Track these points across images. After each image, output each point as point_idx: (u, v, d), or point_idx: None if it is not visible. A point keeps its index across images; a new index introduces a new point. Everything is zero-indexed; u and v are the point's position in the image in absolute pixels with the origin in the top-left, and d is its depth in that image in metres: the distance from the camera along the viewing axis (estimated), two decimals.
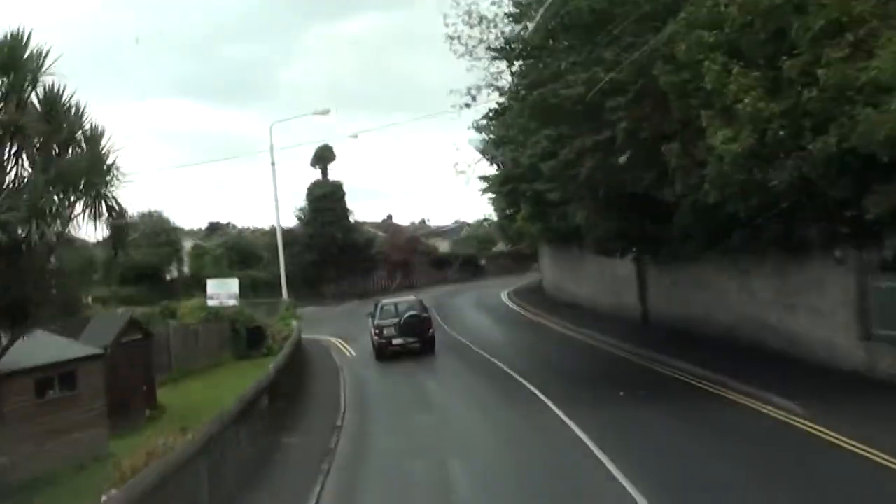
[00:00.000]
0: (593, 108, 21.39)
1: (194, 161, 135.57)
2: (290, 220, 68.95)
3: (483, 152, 34.98)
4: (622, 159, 20.81)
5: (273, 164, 35.86)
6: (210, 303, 35.24)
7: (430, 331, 30.09)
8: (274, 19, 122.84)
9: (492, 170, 48.80)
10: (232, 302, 34.87)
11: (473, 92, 51.06)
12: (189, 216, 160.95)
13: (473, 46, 33.98)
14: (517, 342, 32.77)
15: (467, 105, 50.47)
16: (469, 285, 70.72)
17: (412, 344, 29.32)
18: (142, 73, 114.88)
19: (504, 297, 54.91)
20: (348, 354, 32.69)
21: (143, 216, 54.44)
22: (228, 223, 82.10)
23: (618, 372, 24.06)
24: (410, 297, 33.93)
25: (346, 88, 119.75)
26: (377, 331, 29.67)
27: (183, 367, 27.87)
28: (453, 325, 37.91)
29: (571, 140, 22.39)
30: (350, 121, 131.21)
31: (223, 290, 35.24)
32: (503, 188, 33.90)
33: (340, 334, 39.11)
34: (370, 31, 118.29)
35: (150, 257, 52.78)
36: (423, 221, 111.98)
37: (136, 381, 20.56)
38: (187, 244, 62.44)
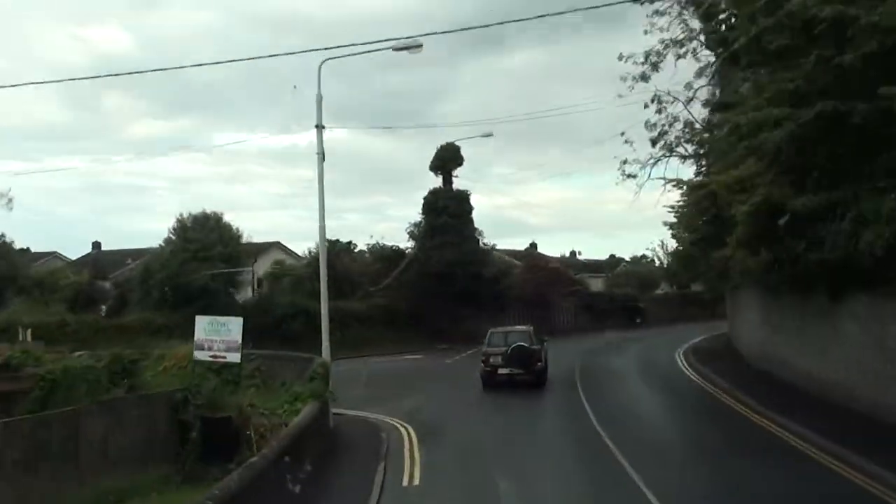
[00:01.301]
0: None
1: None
2: (402, 239, 54.48)
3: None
4: None
5: (320, 126, 20.92)
6: (197, 355, 20.72)
7: (539, 364, 29.10)
8: (434, 51, 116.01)
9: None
10: (230, 357, 20.25)
11: (654, 58, 34.15)
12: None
13: None
14: (728, 480, 16.05)
15: (644, 78, 34.59)
16: (628, 336, 54.21)
17: (520, 375, 28.55)
18: (298, 99, 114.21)
19: (679, 359, 38.27)
20: (407, 479, 16.48)
21: (195, 219, 41.12)
22: (349, 242, 67.89)
23: None
24: (523, 327, 32.45)
25: (499, 120, 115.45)
26: (484, 358, 29.36)
27: None
28: (607, 415, 21.58)
29: None
30: (503, 153, 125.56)
31: (218, 336, 20.64)
32: (745, 141, 17.90)
33: (424, 413, 23.88)
34: (529, 65, 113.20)
35: (199, 274, 39.09)
36: (572, 254, 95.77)
37: None
38: (264, 262, 48.84)
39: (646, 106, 31.99)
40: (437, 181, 51.81)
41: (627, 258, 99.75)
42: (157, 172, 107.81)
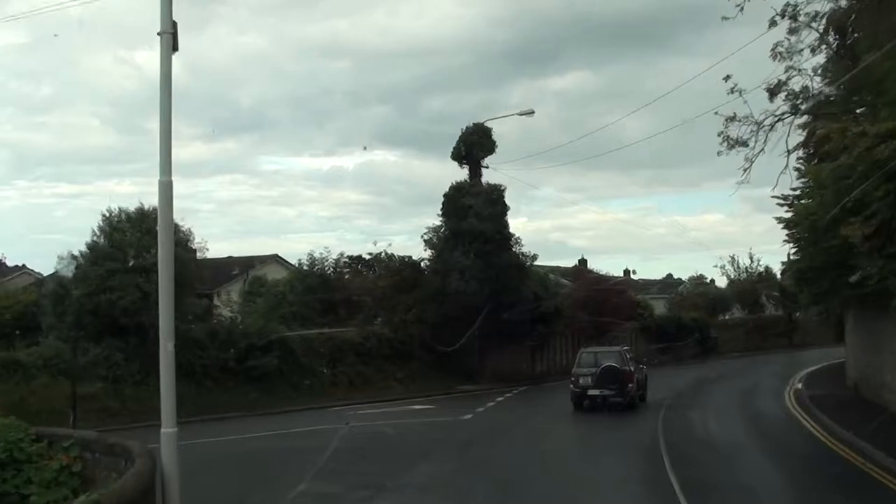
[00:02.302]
0: None
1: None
2: (417, 250, 43.22)
3: None
4: None
5: (164, 31, 9.95)
6: None
7: (630, 385, 28.08)
8: (480, 74, 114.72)
9: None
10: None
11: None
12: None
13: None
14: None
15: None
16: (707, 372, 42.79)
17: (611, 397, 27.73)
18: (344, 123, 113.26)
19: (798, 413, 26.75)
20: None
21: (128, 218, 30.48)
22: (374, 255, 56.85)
23: None
24: (615, 348, 31.93)
25: (545, 143, 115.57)
26: (573, 379, 28.82)
27: None
28: None
29: None
30: (548, 176, 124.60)
31: None
32: None
33: None
34: (575, 88, 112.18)
35: (129, 292, 28.39)
36: (626, 273, 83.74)
37: None
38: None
39: (771, 24, 20.71)
40: (461, 174, 40.34)
41: (684, 278, 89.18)
42: (201, 195, 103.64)
